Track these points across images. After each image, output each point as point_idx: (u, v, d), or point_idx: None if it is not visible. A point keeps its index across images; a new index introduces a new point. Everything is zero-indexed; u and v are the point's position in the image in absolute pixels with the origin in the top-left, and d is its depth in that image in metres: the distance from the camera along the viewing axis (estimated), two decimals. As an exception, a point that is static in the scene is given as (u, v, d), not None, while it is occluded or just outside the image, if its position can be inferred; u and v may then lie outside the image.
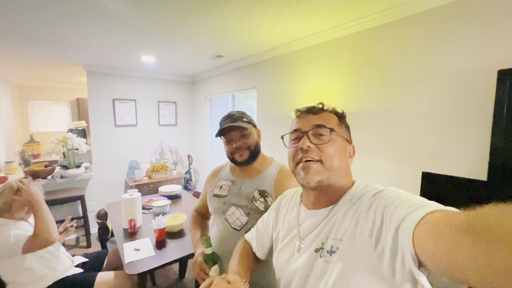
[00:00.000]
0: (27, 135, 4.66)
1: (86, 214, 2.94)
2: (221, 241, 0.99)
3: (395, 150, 1.49)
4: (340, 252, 0.51)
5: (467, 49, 1.20)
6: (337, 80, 1.84)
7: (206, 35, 1.99)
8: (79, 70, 3.33)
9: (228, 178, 1.06)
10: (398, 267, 0.42)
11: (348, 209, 0.55)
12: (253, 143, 0.99)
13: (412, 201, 0.44)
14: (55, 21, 1.70)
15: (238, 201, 0.98)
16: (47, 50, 2.44)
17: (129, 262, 1.47)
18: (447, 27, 1.27)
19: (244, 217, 0.95)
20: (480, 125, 1.16)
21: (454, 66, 1.24)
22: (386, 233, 0.44)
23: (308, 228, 0.62)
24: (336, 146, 0.59)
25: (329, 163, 0.57)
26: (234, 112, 1.02)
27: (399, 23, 1.46)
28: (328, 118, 0.63)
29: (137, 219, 1.94)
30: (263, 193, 0.95)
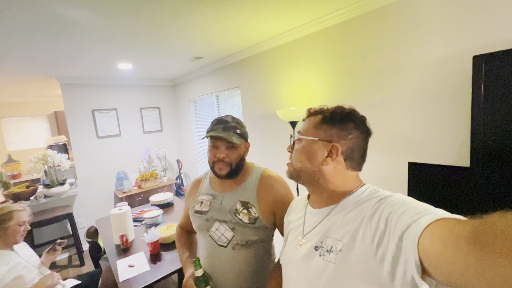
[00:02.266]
0: (5, 154, 4.44)
1: (76, 231, 2.84)
2: (210, 260, 0.95)
3: (381, 143, 1.50)
4: (340, 253, 0.52)
5: (442, 37, 1.21)
6: (318, 75, 1.83)
7: (182, 39, 1.92)
8: (53, 83, 3.18)
9: (208, 192, 1.00)
10: (399, 274, 0.42)
11: (351, 211, 0.55)
12: (237, 159, 0.92)
13: (418, 209, 0.43)
14: (17, 36, 1.59)
15: (221, 217, 0.92)
16: (15, 66, 2.30)
17: (124, 280, 1.43)
18: (420, 16, 1.28)
19: (229, 232, 0.90)
20: (460, 112, 1.18)
21: (430, 55, 1.25)
22: (389, 239, 0.44)
23: (310, 225, 0.64)
24: (300, 151, 0.65)
25: (294, 164, 0.66)
26: (229, 118, 0.94)
27: (372, 15, 1.46)
28: (309, 121, 0.66)
29: (129, 234, 1.89)
30: (246, 204, 0.91)
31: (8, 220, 1.36)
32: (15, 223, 1.38)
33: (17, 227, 1.39)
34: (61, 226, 3.03)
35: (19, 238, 1.41)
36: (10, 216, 1.37)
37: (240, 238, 0.89)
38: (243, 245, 0.90)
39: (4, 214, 1.37)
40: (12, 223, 1.37)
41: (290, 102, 2.08)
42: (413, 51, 1.32)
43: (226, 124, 0.91)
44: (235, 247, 0.90)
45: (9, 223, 1.36)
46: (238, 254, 0.90)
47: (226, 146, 0.90)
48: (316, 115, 0.66)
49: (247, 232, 0.89)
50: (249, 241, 0.90)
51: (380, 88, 1.49)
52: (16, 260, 1.37)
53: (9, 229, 1.36)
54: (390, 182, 1.48)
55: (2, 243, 1.35)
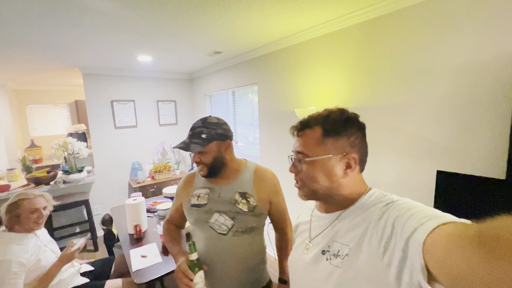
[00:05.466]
0: (28, 140, 4.64)
1: (92, 218, 2.93)
2: (209, 249, 0.97)
3: (406, 147, 1.43)
4: (347, 258, 0.52)
5: (478, 39, 1.12)
6: (341, 73, 1.77)
7: (203, 33, 1.91)
8: (75, 73, 3.27)
9: (205, 186, 1.03)
10: (406, 279, 0.41)
11: (358, 216, 0.55)
12: (210, 160, 0.96)
13: (425, 213, 0.43)
14: (45, 25, 1.63)
15: (220, 208, 0.97)
16: (41, 55, 2.37)
17: (136, 270, 1.46)
18: (453, 16, 1.19)
19: (229, 221, 0.96)
20: (498, 120, 1.09)
21: (464, 58, 1.17)
22: (395, 244, 0.44)
23: (317, 229, 0.65)
24: (313, 171, 0.59)
25: (308, 187, 0.61)
26: (199, 123, 0.97)
27: (406, 12, 1.38)
28: (307, 140, 0.61)
29: (142, 224, 1.92)
30: (244, 194, 0.98)
31: (16, 209, 1.36)
32: (26, 211, 1.37)
33: (29, 215, 1.38)
34: (77, 212, 3.14)
35: (33, 225, 1.40)
36: (17, 205, 1.37)
37: (240, 225, 0.96)
38: (243, 231, 0.96)
39: (12, 203, 1.38)
40: (21, 211, 1.36)
41: (309, 101, 2.03)
42: (445, 53, 1.24)
43: (194, 131, 0.97)
44: (235, 234, 0.96)
45: (18, 211, 1.36)
46: (239, 240, 0.96)
47: (198, 152, 0.96)
48: (313, 129, 0.60)
49: (247, 220, 0.96)
50: (248, 228, 0.97)
51: (406, 90, 1.41)
52: (38, 244, 1.42)
53: (21, 217, 1.36)
54: (414, 190, 1.41)
55: (22, 229, 1.39)
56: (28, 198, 1.42)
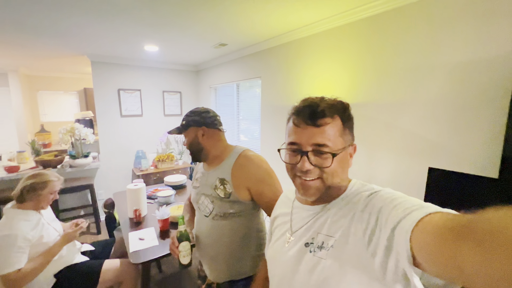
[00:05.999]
0: (38, 124, 4.78)
1: (95, 202, 3.03)
2: (196, 226, 1.13)
3: (402, 144, 1.44)
4: (332, 249, 0.51)
5: (477, 37, 1.11)
6: (343, 68, 1.77)
7: (208, 24, 1.92)
8: (84, 60, 3.33)
9: (201, 171, 1.14)
10: (391, 267, 0.42)
11: (342, 207, 0.55)
12: (188, 144, 1.08)
13: (409, 203, 0.43)
14: (54, 12, 1.68)
15: (206, 191, 1.06)
16: (51, 41, 2.43)
17: (133, 251, 1.52)
18: (453, 13, 1.18)
19: (211, 204, 1.03)
20: (493, 119, 1.09)
21: (464, 55, 1.16)
22: (380, 233, 0.44)
23: (299, 222, 0.62)
24: (338, 164, 0.55)
25: (330, 181, 0.55)
26: (187, 113, 1.10)
27: (406, 9, 1.37)
28: (331, 131, 0.55)
29: (142, 209, 1.98)
30: (223, 180, 1.01)
31: (43, 188, 1.46)
32: (48, 192, 1.48)
33: (48, 195, 1.50)
34: (82, 196, 3.24)
35: (46, 205, 1.52)
36: (45, 185, 1.47)
37: (218, 210, 1.01)
38: (221, 216, 1.01)
39: (41, 182, 1.46)
40: (45, 192, 1.47)
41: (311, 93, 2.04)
42: (442, 51, 1.23)
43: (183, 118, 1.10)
44: (214, 218, 1.02)
45: (43, 191, 1.46)
46: (217, 224, 1.02)
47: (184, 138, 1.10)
48: (333, 118, 0.55)
49: (223, 205, 1.01)
50: (226, 213, 1.01)
51: (405, 87, 1.41)
52: (41, 222, 1.49)
53: (41, 196, 1.46)
54: (410, 186, 1.42)
55: (32, 206, 1.46)
56: (54, 180, 1.52)
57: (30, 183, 1.45)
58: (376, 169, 1.61)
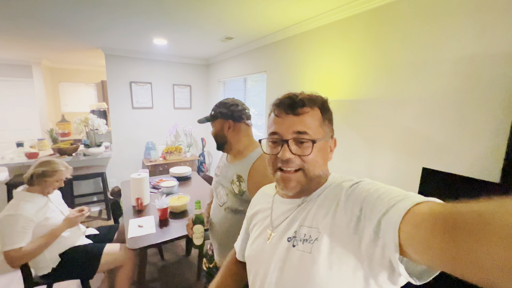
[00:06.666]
0: (59, 114, 5.06)
1: (106, 189, 3.18)
2: (212, 213, 1.17)
3: (400, 142, 1.37)
4: (316, 242, 0.51)
5: (483, 31, 1.02)
6: (346, 63, 1.71)
7: (211, 17, 1.93)
8: (100, 54, 3.47)
9: (224, 161, 1.17)
10: (377, 257, 0.42)
11: (324, 199, 0.54)
12: (214, 134, 1.11)
13: (394, 193, 0.43)
14: (67, 5, 1.75)
15: (224, 182, 1.09)
16: (68, 34, 2.55)
17: (131, 237, 1.58)
18: (459, 7, 1.09)
19: (225, 196, 1.06)
20: (496, 119, 1.01)
21: (468, 50, 1.07)
22: (365, 223, 0.44)
23: (280, 216, 0.61)
24: (319, 154, 0.55)
25: (311, 172, 0.55)
26: (216, 104, 1.12)
27: (405, 2, 1.29)
28: (310, 120, 0.56)
29: (144, 198, 2.05)
30: (240, 177, 1.01)
31: (51, 176, 1.56)
32: (55, 180, 1.58)
33: (54, 182, 1.59)
34: (94, 183, 3.41)
35: (52, 190, 1.62)
36: (54, 173, 1.57)
37: (230, 204, 1.04)
38: (232, 210, 1.04)
39: (51, 171, 1.57)
40: (53, 179, 1.57)
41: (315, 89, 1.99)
42: (447, 45, 1.15)
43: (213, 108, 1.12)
44: (226, 209, 1.06)
45: (51, 179, 1.56)
46: (227, 216, 1.05)
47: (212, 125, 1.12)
48: (313, 108, 0.57)
49: (235, 201, 1.02)
50: (237, 209, 1.02)
51: (405, 83, 1.34)
52: (48, 205, 1.59)
53: (48, 182, 1.57)
54: (407, 185, 1.36)
55: (39, 190, 1.57)
56: (62, 169, 1.62)
57: (41, 170, 1.55)
58: (376, 167, 1.55)
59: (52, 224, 1.55)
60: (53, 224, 1.55)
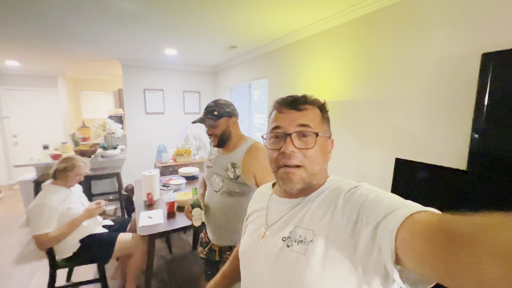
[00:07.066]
0: (80, 121, 5.44)
1: (121, 188, 3.41)
2: (207, 199, 1.32)
3: (386, 138, 1.48)
4: (311, 244, 0.50)
5: (449, 35, 1.14)
6: (338, 67, 1.84)
7: (215, 28, 2.13)
8: (116, 64, 3.78)
9: (215, 154, 1.31)
10: (371, 263, 0.42)
11: (321, 201, 0.54)
12: (220, 133, 1.19)
13: (392, 200, 0.43)
14: (87, 21, 2.00)
15: (218, 171, 1.23)
16: (90, 47, 2.85)
17: (141, 226, 1.76)
18: (429, 12, 1.23)
19: (221, 182, 1.21)
20: (463, 112, 1.11)
21: (436, 54, 1.19)
22: (361, 229, 0.44)
23: (276, 215, 0.61)
24: (319, 149, 0.56)
25: (311, 168, 0.55)
26: (211, 104, 1.21)
27: (388, 10, 1.43)
28: (312, 115, 0.57)
29: (154, 193, 2.24)
30: (234, 165, 1.17)
31: (70, 170, 1.79)
32: (74, 174, 1.81)
33: (74, 176, 1.82)
34: (111, 182, 3.66)
35: (73, 183, 1.85)
36: (72, 168, 1.80)
37: (226, 188, 1.19)
38: (228, 193, 1.19)
39: (69, 166, 1.79)
40: (73, 173, 1.80)
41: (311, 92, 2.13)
42: (421, 49, 1.28)
43: (208, 109, 1.19)
44: (222, 194, 1.21)
45: (71, 173, 1.79)
46: (224, 199, 1.21)
47: (210, 126, 1.19)
48: (314, 107, 0.59)
49: (231, 185, 1.18)
50: (232, 192, 1.18)
51: (387, 85, 1.46)
52: (70, 197, 1.80)
53: (69, 176, 1.79)
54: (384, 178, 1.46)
55: (62, 184, 1.79)
56: (81, 165, 1.85)
57: (63, 166, 1.78)
58: (367, 163, 1.66)
59: (73, 214, 1.75)
60: (74, 214, 1.76)
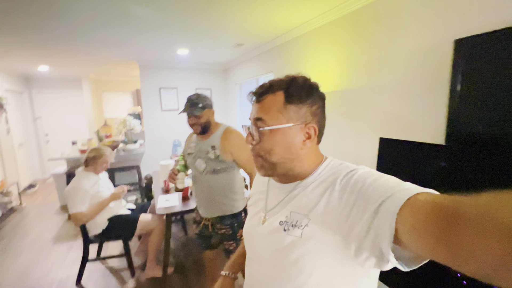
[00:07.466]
0: (102, 120, 5.87)
1: (141, 180, 3.70)
2: (193, 180, 1.53)
3: (376, 122, 1.60)
4: (307, 228, 0.51)
5: (428, 25, 1.25)
6: (334, 60, 1.97)
7: (222, 27, 2.31)
8: (134, 65, 4.07)
9: (195, 141, 1.50)
10: (367, 246, 0.42)
11: (317, 186, 0.54)
12: (204, 122, 1.38)
13: (390, 183, 0.43)
14: (106, 25, 2.24)
15: (200, 155, 1.43)
16: (111, 50, 3.13)
17: (159, 207, 2.00)
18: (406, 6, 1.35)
19: (204, 164, 1.41)
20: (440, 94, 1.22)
21: (417, 42, 1.31)
22: (358, 213, 0.44)
23: (273, 200, 0.62)
24: (272, 141, 0.55)
25: (268, 158, 0.56)
26: (194, 97, 1.37)
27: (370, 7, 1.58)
28: (269, 105, 0.55)
29: (170, 180, 2.48)
30: (213, 147, 1.39)
31: (99, 158, 2.07)
32: (102, 161, 2.09)
33: (102, 164, 2.10)
34: (131, 174, 3.98)
35: (101, 170, 2.13)
36: (100, 156, 2.08)
37: (210, 168, 1.41)
38: (211, 172, 1.42)
39: (98, 155, 2.07)
40: (101, 161, 2.08)
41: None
42: (401, 40, 1.41)
43: (192, 102, 1.35)
44: (207, 173, 1.42)
45: (98, 160, 2.06)
46: (208, 178, 1.42)
47: (194, 116, 1.36)
48: (274, 94, 0.56)
49: (213, 164, 1.40)
50: (215, 169, 1.41)
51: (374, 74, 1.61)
52: (99, 182, 2.07)
53: (97, 164, 2.06)
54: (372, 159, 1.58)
55: (92, 170, 2.06)
56: (107, 154, 2.13)
57: (92, 155, 2.05)
58: (363, 147, 1.78)
59: (101, 196, 2.02)
60: (102, 196, 2.02)
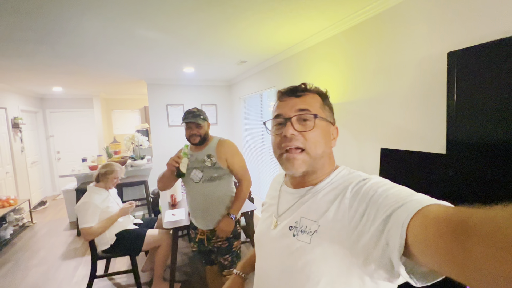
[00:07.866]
0: (112, 136, 6.04)
1: (149, 195, 3.75)
2: (189, 190, 1.57)
3: (378, 133, 1.62)
4: (316, 234, 0.51)
5: (424, 38, 1.29)
6: (336, 73, 2.03)
7: (226, 46, 2.43)
8: (142, 84, 4.25)
9: (189, 153, 1.54)
10: (376, 256, 0.42)
11: (328, 192, 0.55)
12: (203, 133, 1.50)
13: (402, 193, 0.42)
14: (116, 47, 2.38)
15: (196, 165, 1.51)
16: (120, 70, 3.29)
17: (166, 221, 2.02)
18: (407, 18, 1.40)
19: (200, 173, 1.49)
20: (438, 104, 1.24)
21: (414, 55, 1.35)
22: (367, 222, 0.43)
23: (285, 205, 0.63)
24: (320, 132, 0.57)
25: (313, 151, 0.56)
26: (194, 110, 1.51)
27: (372, 20, 1.63)
28: (311, 100, 0.59)
29: (177, 195, 2.51)
30: (210, 155, 1.49)
31: (110, 174, 2.13)
32: (112, 177, 2.15)
33: (113, 179, 2.16)
34: (139, 190, 4.04)
35: (112, 185, 2.19)
36: (111, 172, 2.14)
37: (207, 175, 1.49)
38: (208, 180, 1.49)
39: (109, 171, 2.14)
40: (111, 176, 2.14)
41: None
42: (399, 53, 1.45)
43: (194, 113, 1.49)
44: (204, 182, 1.49)
45: (110, 176, 2.13)
46: (205, 186, 1.49)
47: (196, 126, 1.48)
48: (313, 93, 0.61)
49: (210, 171, 1.48)
50: (212, 177, 1.49)
51: (375, 85, 1.63)
52: (109, 197, 2.13)
53: (108, 179, 2.12)
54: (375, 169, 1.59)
55: (103, 186, 2.12)
56: (118, 170, 2.19)
57: (104, 170, 2.12)
58: (365, 158, 1.80)
59: (110, 212, 2.06)
60: (111, 212, 2.07)
